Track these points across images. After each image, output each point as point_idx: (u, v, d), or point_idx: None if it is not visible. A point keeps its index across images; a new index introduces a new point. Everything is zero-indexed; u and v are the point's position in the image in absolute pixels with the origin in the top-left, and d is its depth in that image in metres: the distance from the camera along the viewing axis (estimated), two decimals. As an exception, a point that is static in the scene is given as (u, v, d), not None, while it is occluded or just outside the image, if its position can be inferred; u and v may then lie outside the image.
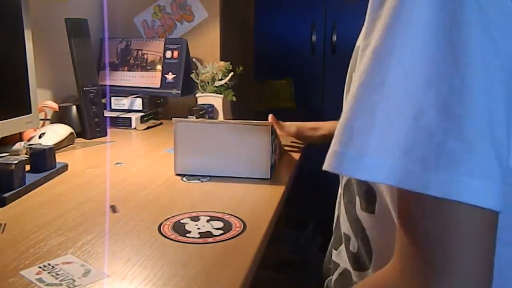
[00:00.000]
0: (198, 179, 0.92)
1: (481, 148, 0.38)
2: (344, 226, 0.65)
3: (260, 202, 0.81)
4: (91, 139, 1.29)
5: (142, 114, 1.49)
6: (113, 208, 0.76)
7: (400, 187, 0.39)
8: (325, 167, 0.42)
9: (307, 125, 1.14)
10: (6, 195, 0.78)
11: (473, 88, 0.38)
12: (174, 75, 1.57)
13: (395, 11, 0.40)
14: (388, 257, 0.45)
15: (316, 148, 1.26)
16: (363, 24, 0.56)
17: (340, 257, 0.68)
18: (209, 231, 0.67)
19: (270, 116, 1.09)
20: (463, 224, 0.38)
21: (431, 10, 0.39)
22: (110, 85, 1.60)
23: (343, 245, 0.67)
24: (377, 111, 0.40)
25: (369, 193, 0.56)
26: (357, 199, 0.59)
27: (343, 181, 0.65)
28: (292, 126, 1.12)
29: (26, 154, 1.00)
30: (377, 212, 0.56)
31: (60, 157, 1.03)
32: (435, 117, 0.38)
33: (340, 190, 0.67)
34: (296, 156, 1.12)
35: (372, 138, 0.40)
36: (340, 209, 0.66)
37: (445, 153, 0.38)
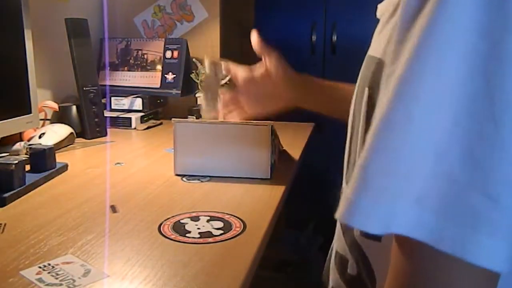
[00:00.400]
0: (198, 179, 0.92)
1: (507, 207, 0.33)
2: (340, 246, 0.59)
3: (260, 202, 0.81)
4: (91, 139, 1.29)
5: (142, 114, 1.49)
6: (113, 208, 0.76)
7: (409, 236, 0.35)
8: (337, 215, 0.38)
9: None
10: (6, 195, 0.78)
11: (507, 136, 0.33)
12: (174, 75, 1.56)
13: (427, 33, 0.35)
14: None
15: (316, 148, 1.26)
16: (374, 28, 0.54)
17: (332, 273, 0.63)
18: (209, 231, 0.67)
19: (254, 35, 0.92)
20: (467, 284, 0.35)
21: (473, 36, 0.34)
22: (110, 85, 1.60)
23: (332, 262, 0.62)
24: (398, 152, 0.35)
25: None
26: None
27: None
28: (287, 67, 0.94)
29: (26, 154, 1.00)
30: (385, 241, 0.49)
31: (60, 157, 1.03)
32: (459, 163, 0.34)
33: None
34: (296, 156, 1.12)
35: (388, 184, 0.36)
36: (337, 226, 0.60)
37: (465, 207, 0.34)
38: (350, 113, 0.57)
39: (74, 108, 1.32)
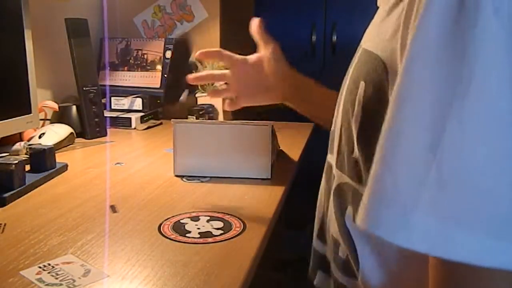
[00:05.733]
0: (198, 179, 0.92)
1: None
2: (333, 228, 0.60)
3: (260, 202, 0.81)
4: (91, 139, 1.29)
5: (142, 114, 1.49)
6: (113, 208, 0.76)
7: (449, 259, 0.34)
8: (359, 222, 0.37)
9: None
10: (6, 195, 0.78)
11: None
12: (174, 75, 1.56)
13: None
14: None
15: (316, 148, 1.26)
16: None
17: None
18: (209, 231, 0.67)
19: (255, 21, 0.87)
20: None
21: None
22: (110, 85, 1.60)
23: (332, 252, 0.62)
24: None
25: None
26: (350, 209, 0.55)
27: (333, 183, 0.59)
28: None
29: (26, 154, 1.00)
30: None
31: (60, 157, 1.03)
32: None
33: (326, 188, 0.62)
34: (296, 156, 1.12)
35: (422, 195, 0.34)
36: (329, 213, 0.61)
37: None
38: (339, 105, 0.57)
39: (74, 108, 1.32)
